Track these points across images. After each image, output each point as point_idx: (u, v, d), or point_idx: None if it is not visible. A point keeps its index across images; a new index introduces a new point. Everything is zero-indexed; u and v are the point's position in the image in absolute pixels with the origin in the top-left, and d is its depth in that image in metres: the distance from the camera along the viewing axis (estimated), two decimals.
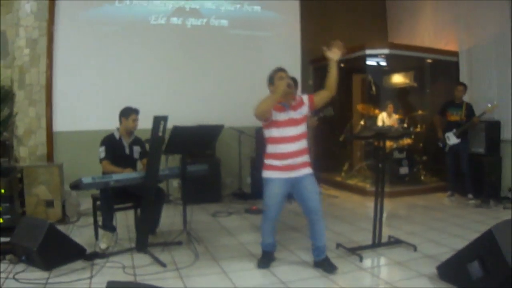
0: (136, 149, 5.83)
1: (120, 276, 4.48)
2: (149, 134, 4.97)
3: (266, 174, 4.72)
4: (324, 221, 4.78)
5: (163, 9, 9.06)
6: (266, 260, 4.91)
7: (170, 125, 5.02)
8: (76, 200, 7.35)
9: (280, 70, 4.79)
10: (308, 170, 4.70)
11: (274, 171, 4.64)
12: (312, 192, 4.68)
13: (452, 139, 8.31)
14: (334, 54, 4.66)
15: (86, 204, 7.16)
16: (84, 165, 7.35)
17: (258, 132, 8.80)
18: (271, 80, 4.75)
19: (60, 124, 8.35)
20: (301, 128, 4.66)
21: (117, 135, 5.73)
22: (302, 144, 4.66)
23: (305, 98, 4.76)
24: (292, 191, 4.74)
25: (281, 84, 4.46)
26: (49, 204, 6.69)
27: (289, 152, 4.57)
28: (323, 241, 4.74)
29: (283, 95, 4.49)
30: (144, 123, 5.83)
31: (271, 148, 4.70)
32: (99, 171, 5.60)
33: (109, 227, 5.37)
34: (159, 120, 4.84)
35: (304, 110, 4.70)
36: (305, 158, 4.69)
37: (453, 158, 8.49)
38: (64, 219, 6.79)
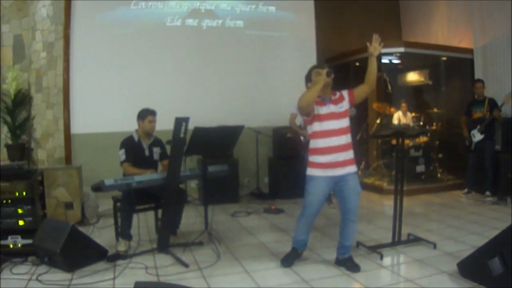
0: (156, 151, 5.85)
1: (143, 277, 4.54)
2: (170, 135, 5.03)
3: (310, 171, 4.70)
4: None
5: (178, 11, 9.15)
6: (292, 257, 4.94)
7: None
8: (94, 202, 7.42)
9: (316, 67, 4.84)
10: (352, 168, 4.69)
11: (318, 169, 4.63)
12: (353, 193, 4.70)
13: (476, 136, 8.29)
14: (374, 49, 4.68)
15: (104, 205, 7.30)
16: (102, 167, 7.43)
17: (275, 132, 8.87)
18: (309, 78, 4.77)
19: (78, 126, 8.45)
20: (343, 122, 4.65)
21: (135, 137, 5.76)
22: (346, 138, 4.64)
23: (345, 93, 4.77)
24: (334, 188, 4.74)
25: (322, 75, 4.49)
26: (69, 206, 6.77)
27: (331, 146, 4.56)
28: (351, 241, 4.81)
29: (324, 85, 4.50)
30: (163, 124, 5.91)
31: (314, 143, 4.69)
32: (118, 172, 5.61)
33: (127, 235, 5.36)
34: (180, 122, 4.88)
35: (345, 105, 4.70)
36: (349, 154, 4.67)
37: (477, 156, 8.42)
38: (83, 221, 6.87)
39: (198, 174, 5.77)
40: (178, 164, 5.16)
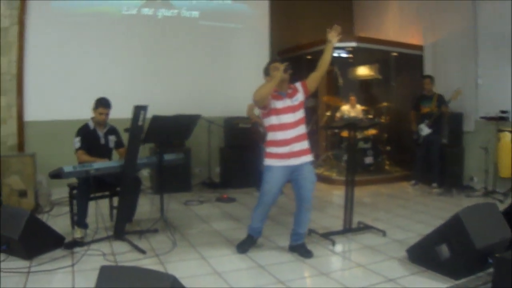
0: (112, 139, 5.84)
1: (101, 263, 4.44)
2: (126, 124, 5.04)
3: (267, 161, 4.83)
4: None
5: (134, 0, 9.08)
6: (247, 244, 5.04)
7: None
8: (47, 190, 7.35)
9: (275, 61, 4.98)
10: (307, 158, 4.84)
11: (275, 159, 4.77)
12: (308, 181, 4.84)
13: (424, 130, 8.57)
14: (333, 38, 4.82)
15: (57, 194, 7.23)
16: (56, 155, 7.32)
17: (227, 122, 8.94)
18: (267, 72, 4.86)
19: (32, 113, 8.25)
20: (299, 114, 4.81)
21: (91, 125, 5.71)
22: (301, 129, 4.80)
23: (298, 85, 4.92)
24: (290, 177, 4.87)
25: (279, 71, 4.61)
26: (22, 194, 6.68)
27: (287, 138, 4.71)
28: (305, 229, 4.97)
29: (280, 81, 4.64)
30: (119, 113, 5.93)
31: (271, 136, 4.82)
32: (72, 160, 5.53)
33: (83, 224, 5.34)
34: (139, 110, 4.90)
35: (300, 97, 4.85)
36: (305, 144, 4.82)
37: (425, 149, 8.72)
38: (37, 209, 6.76)
39: (155, 162, 5.81)
40: (136, 152, 5.17)
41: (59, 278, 4.25)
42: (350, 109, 9.86)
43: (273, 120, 4.77)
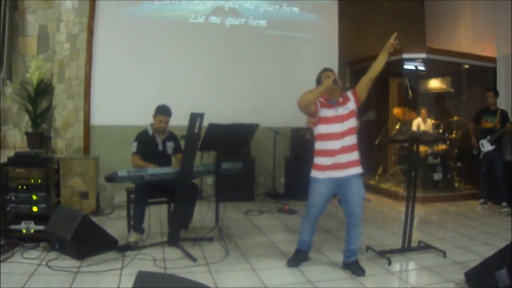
0: (170, 145, 5.91)
1: (151, 268, 4.57)
2: (186, 131, 5.07)
3: (313, 173, 4.76)
4: (363, 227, 4.83)
5: (202, 8, 9.21)
6: (298, 258, 4.95)
7: (206, 122, 5.10)
8: (110, 193, 7.53)
9: (326, 70, 4.89)
10: (355, 170, 4.70)
11: (321, 171, 4.68)
12: (356, 196, 4.69)
13: (486, 146, 8.25)
14: (389, 45, 4.74)
15: (120, 197, 7.34)
16: (119, 159, 7.42)
17: (294, 133, 8.87)
18: (319, 80, 4.81)
19: (97, 118, 8.54)
20: (349, 124, 4.68)
21: (150, 132, 5.82)
22: (350, 140, 4.67)
23: (349, 93, 4.82)
24: (337, 191, 4.78)
25: (327, 80, 4.51)
26: (84, 195, 6.91)
27: (336, 149, 4.60)
28: (357, 245, 4.79)
29: (328, 90, 4.54)
30: (181, 120, 5.95)
31: (318, 145, 4.75)
32: None
33: (140, 228, 5.41)
34: (195, 117, 4.93)
35: (351, 105, 4.73)
36: (353, 155, 4.68)
37: (487, 166, 8.40)
38: (97, 211, 6.99)
39: (211, 170, 5.83)
40: (191, 159, 5.19)
41: (106, 280, 4.30)
42: (421, 123, 9.60)
43: (321, 129, 4.70)
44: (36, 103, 8.22)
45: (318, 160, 4.71)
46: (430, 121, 9.70)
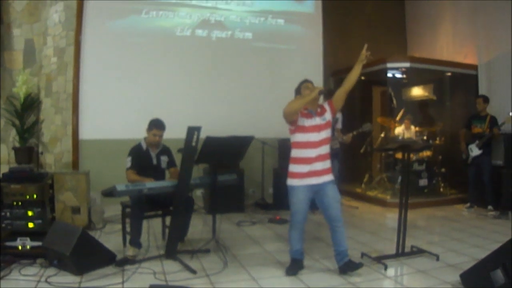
0: (164, 159, 5.91)
1: (152, 282, 4.58)
2: (178, 144, 5.18)
3: (291, 181, 4.93)
4: (345, 227, 4.96)
5: (188, 21, 9.26)
6: (294, 267, 5.02)
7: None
8: (100, 207, 7.53)
9: (306, 81, 5.08)
10: (329, 177, 4.91)
11: (299, 178, 4.85)
12: (333, 200, 4.88)
13: (474, 150, 8.44)
14: (363, 56, 4.97)
15: (110, 211, 7.39)
16: (109, 173, 7.45)
17: (281, 144, 8.93)
18: (298, 91, 5.03)
19: (86, 132, 8.48)
20: (324, 134, 4.89)
21: (144, 146, 5.82)
22: (324, 149, 4.88)
23: (326, 104, 5.02)
24: (315, 197, 4.93)
25: (315, 90, 4.72)
26: (75, 210, 6.85)
27: (312, 157, 4.79)
28: (344, 245, 4.93)
29: (311, 101, 4.73)
30: (171, 134, 6.01)
31: (295, 153, 4.94)
32: (125, 179, 5.60)
33: (137, 243, 5.40)
34: (193, 130, 4.99)
35: (327, 116, 4.95)
36: (327, 163, 4.91)
37: (475, 170, 8.61)
38: (90, 226, 6.95)
39: (208, 183, 5.88)
40: (189, 172, 5.25)
41: None
42: (405, 131, 9.73)
43: (298, 137, 4.90)
44: (23, 117, 8.13)
45: (295, 168, 4.89)
46: (413, 129, 9.83)
